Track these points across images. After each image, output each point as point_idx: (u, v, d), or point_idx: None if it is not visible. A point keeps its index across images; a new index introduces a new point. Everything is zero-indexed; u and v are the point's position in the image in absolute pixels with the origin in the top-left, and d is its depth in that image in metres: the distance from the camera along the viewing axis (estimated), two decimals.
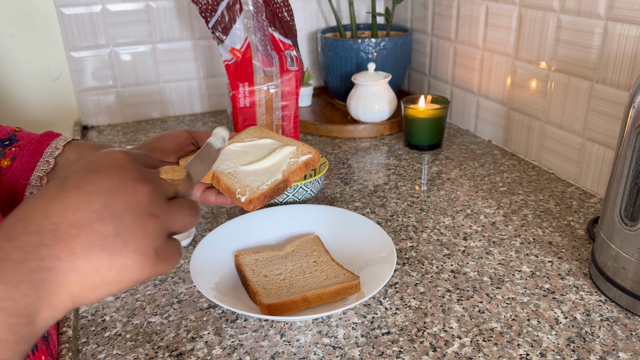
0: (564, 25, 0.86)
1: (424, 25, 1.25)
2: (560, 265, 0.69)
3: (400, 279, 0.67)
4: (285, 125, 0.97)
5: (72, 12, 1.16)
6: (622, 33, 0.76)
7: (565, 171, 0.91)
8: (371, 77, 1.11)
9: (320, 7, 1.35)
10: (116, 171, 0.35)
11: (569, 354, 0.54)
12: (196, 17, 1.24)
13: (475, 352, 0.55)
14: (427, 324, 0.59)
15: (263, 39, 0.93)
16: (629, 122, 0.57)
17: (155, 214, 0.36)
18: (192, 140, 0.59)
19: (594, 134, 0.84)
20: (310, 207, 0.77)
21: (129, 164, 0.36)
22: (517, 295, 0.63)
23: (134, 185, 0.35)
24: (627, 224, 0.58)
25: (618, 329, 0.58)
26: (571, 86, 0.87)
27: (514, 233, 0.76)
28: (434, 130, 1.04)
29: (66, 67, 1.21)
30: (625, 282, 0.59)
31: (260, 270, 0.66)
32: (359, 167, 0.99)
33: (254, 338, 0.58)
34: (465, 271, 0.68)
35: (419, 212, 0.83)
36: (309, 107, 1.29)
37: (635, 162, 0.57)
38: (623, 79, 0.77)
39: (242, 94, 0.92)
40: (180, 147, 0.58)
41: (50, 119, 1.23)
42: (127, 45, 1.22)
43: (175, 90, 1.29)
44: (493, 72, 1.04)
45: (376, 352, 0.56)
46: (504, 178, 0.93)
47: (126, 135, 1.20)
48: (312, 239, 0.71)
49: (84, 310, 0.64)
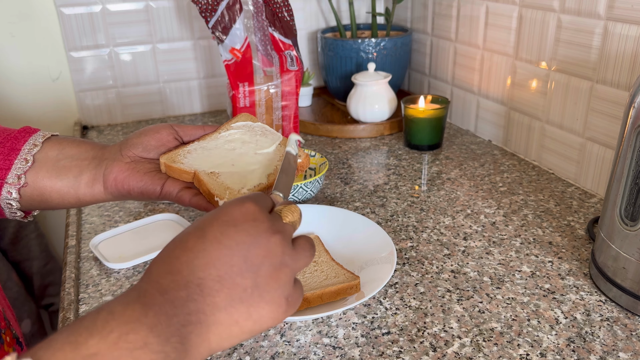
0: (564, 25, 0.86)
1: (424, 25, 1.25)
2: (560, 265, 0.69)
3: (400, 279, 0.67)
4: (285, 125, 0.97)
5: (72, 12, 1.16)
6: (622, 33, 0.76)
7: (565, 171, 0.91)
8: (371, 77, 1.11)
9: (320, 7, 1.35)
10: (251, 224, 0.37)
11: (569, 354, 0.54)
12: (196, 17, 1.24)
13: (476, 352, 0.55)
14: (427, 324, 0.59)
15: (263, 39, 0.93)
16: (629, 122, 0.57)
17: (286, 263, 0.37)
18: (175, 135, 0.56)
19: (594, 134, 0.84)
20: (310, 207, 0.77)
21: (261, 215, 0.38)
22: (517, 295, 0.63)
23: (267, 237, 0.37)
24: (627, 224, 0.58)
25: (618, 329, 0.58)
26: (571, 86, 0.87)
27: (514, 233, 0.76)
28: (434, 130, 1.04)
29: (66, 67, 1.21)
30: (625, 282, 0.59)
31: None
32: (359, 167, 0.99)
33: (254, 338, 0.58)
34: (465, 271, 0.68)
35: (419, 212, 0.83)
36: (309, 107, 1.29)
37: (635, 162, 0.57)
38: (623, 79, 0.77)
39: (242, 94, 0.92)
40: (162, 143, 0.55)
41: (50, 119, 1.23)
42: (127, 45, 1.22)
43: (175, 90, 1.29)
44: (493, 72, 1.04)
45: (376, 352, 0.56)
46: (504, 178, 0.93)
47: (126, 135, 1.20)
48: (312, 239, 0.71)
49: (83, 311, 0.64)
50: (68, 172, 0.54)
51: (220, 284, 0.34)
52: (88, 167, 0.54)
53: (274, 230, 0.37)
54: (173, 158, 0.53)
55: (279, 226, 0.38)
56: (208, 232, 0.36)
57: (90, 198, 0.54)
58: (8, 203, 0.54)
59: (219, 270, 0.35)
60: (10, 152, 0.54)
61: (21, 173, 0.53)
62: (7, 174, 0.53)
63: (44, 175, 0.53)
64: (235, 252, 0.35)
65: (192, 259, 0.35)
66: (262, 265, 0.36)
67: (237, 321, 0.35)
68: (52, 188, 0.54)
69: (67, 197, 0.54)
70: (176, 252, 0.36)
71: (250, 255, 0.36)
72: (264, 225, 0.37)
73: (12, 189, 0.53)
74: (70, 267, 0.71)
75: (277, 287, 0.36)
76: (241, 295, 0.35)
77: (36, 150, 0.54)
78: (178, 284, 0.34)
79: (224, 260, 0.35)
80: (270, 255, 0.36)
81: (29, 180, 0.53)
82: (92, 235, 0.79)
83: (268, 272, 0.36)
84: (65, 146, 0.56)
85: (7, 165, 0.53)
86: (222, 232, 0.36)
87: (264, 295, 0.36)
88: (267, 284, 0.36)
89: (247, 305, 0.35)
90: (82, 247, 0.77)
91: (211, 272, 0.34)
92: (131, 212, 0.85)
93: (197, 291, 0.34)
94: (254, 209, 0.38)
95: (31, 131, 0.56)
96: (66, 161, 0.54)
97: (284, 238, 0.38)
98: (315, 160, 0.90)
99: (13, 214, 0.55)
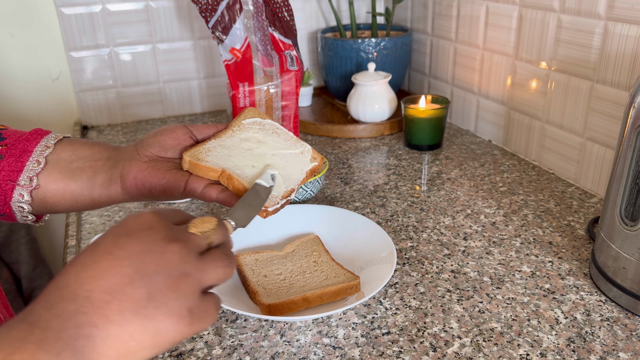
0: (564, 25, 0.86)
1: (424, 25, 1.25)
2: (560, 265, 0.69)
3: (400, 279, 0.67)
4: (285, 125, 0.97)
5: (72, 12, 1.16)
6: (622, 33, 0.76)
7: (565, 171, 0.91)
8: (371, 77, 1.11)
9: (320, 7, 1.35)
10: (145, 233, 0.35)
11: (569, 354, 0.54)
12: (196, 17, 1.24)
13: (476, 352, 0.55)
14: (427, 324, 0.59)
15: (263, 39, 0.93)
16: (629, 122, 0.57)
17: (187, 272, 0.35)
18: (190, 134, 0.56)
19: (594, 134, 0.84)
20: (310, 207, 0.77)
21: (158, 224, 0.36)
22: (517, 295, 0.63)
23: (163, 246, 0.35)
24: (627, 224, 0.58)
25: (618, 329, 0.58)
26: (571, 86, 0.87)
27: (514, 233, 0.76)
28: (434, 130, 1.04)
29: (66, 67, 1.21)
30: (625, 282, 0.59)
31: (260, 270, 0.66)
32: (359, 167, 0.99)
33: (254, 338, 0.58)
34: (465, 271, 0.68)
35: (419, 212, 0.83)
36: (309, 107, 1.29)
37: (635, 162, 0.57)
38: (623, 79, 0.77)
39: (242, 93, 0.92)
40: (178, 142, 0.55)
41: (50, 119, 1.23)
42: (127, 45, 1.22)
43: (175, 90, 1.29)
44: (493, 72, 1.04)
45: (376, 352, 0.56)
46: (504, 178, 0.93)
47: (126, 135, 1.20)
48: (312, 239, 0.71)
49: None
50: (82, 173, 0.53)
51: (110, 296, 0.33)
52: (103, 168, 0.53)
53: (171, 239, 0.35)
54: (197, 156, 0.52)
55: (180, 235, 0.36)
56: (100, 245, 0.35)
57: (107, 199, 0.53)
58: (20, 206, 0.53)
59: (108, 281, 0.33)
60: (22, 154, 0.53)
61: (33, 175, 0.52)
62: (19, 176, 0.52)
63: (56, 177, 0.52)
64: (126, 262, 0.34)
65: (80, 272, 0.33)
66: (156, 274, 0.34)
67: (132, 335, 0.33)
68: (65, 190, 0.52)
69: (80, 198, 0.53)
70: (67, 267, 0.34)
71: (143, 265, 0.34)
72: (159, 233, 0.35)
73: (24, 191, 0.52)
74: None
75: (176, 297, 0.34)
76: (134, 307, 0.33)
77: (48, 152, 0.53)
78: (65, 298, 0.33)
79: (115, 271, 0.33)
80: (166, 265, 0.34)
81: (41, 182, 0.52)
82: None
83: (163, 282, 0.34)
84: (78, 147, 0.55)
85: (19, 167, 0.52)
86: (114, 243, 0.35)
87: (160, 307, 0.34)
88: (164, 294, 0.34)
89: (141, 318, 0.33)
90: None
91: (100, 284, 0.33)
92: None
93: (86, 304, 0.32)
94: (151, 218, 0.36)
95: (43, 133, 0.55)
96: (79, 162, 0.53)
97: (184, 246, 0.36)
98: None
99: (24, 217, 0.54)
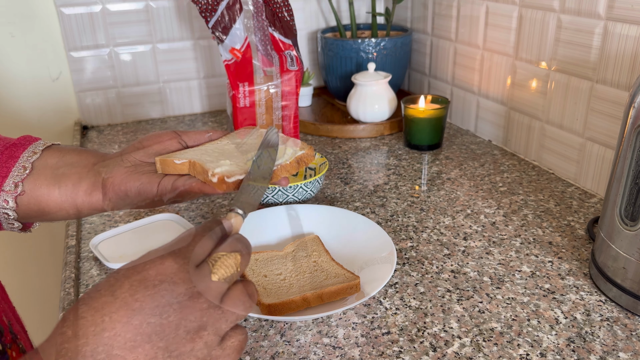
0: (564, 25, 0.86)
1: (424, 25, 1.25)
2: (560, 265, 0.69)
3: (400, 279, 0.67)
4: (285, 125, 0.97)
5: (72, 12, 1.16)
6: (622, 33, 0.76)
7: (565, 171, 0.91)
8: (371, 77, 1.11)
9: (320, 7, 1.35)
10: (165, 287, 0.34)
11: (569, 354, 0.54)
12: (196, 17, 1.24)
13: (476, 352, 0.55)
14: (427, 324, 0.59)
15: (263, 39, 0.93)
16: (629, 122, 0.57)
17: (206, 325, 0.35)
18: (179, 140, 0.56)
19: (594, 134, 0.84)
20: (310, 207, 0.77)
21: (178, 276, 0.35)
22: (517, 295, 0.63)
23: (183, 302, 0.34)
24: (627, 224, 0.58)
25: (618, 329, 0.58)
26: (571, 86, 0.87)
27: (514, 233, 0.76)
28: (434, 130, 1.04)
29: (66, 67, 1.21)
30: (625, 282, 0.59)
31: (260, 270, 0.66)
32: (359, 167, 0.99)
33: (254, 338, 0.58)
34: (465, 271, 0.68)
35: (419, 212, 0.83)
36: (309, 107, 1.29)
37: (635, 162, 0.57)
38: (623, 79, 0.77)
39: (242, 93, 0.92)
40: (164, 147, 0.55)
41: (49, 119, 1.23)
42: (127, 45, 1.22)
43: (175, 90, 1.29)
44: (493, 72, 1.04)
45: (376, 352, 0.56)
46: (504, 178, 0.93)
47: (126, 135, 1.20)
48: (312, 239, 0.71)
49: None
50: (67, 180, 0.52)
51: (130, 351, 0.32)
52: (88, 175, 0.53)
53: (191, 294, 0.35)
54: (168, 156, 0.53)
55: (201, 285, 0.35)
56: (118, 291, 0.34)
57: (88, 207, 0.53)
58: (5, 212, 0.52)
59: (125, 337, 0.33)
60: (9, 160, 0.52)
61: (19, 181, 0.51)
62: (4, 181, 0.51)
63: (42, 183, 0.52)
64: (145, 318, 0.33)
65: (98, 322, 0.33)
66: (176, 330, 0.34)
67: None
68: (50, 196, 0.52)
69: (64, 205, 0.52)
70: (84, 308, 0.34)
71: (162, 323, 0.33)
72: (180, 288, 0.34)
73: (9, 197, 0.51)
74: (70, 267, 0.71)
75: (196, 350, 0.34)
76: None
77: (35, 158, 0.53)
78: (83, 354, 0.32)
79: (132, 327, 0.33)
80: (186, 322, 0.34)
81: (26, 188, 0.51)
82: (92, 235, 0.79)
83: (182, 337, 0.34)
84: (65, 154, 0.54)
85: (5, 173, 0.51)
86: (133, 295, 0.34)
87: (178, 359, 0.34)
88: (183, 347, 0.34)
89: None
90: (82, 247, 0.77)
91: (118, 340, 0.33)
92: (131, 212, 0.85)
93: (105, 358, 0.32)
94: (172, 268, 0.35)
95: (31, 140, 0.55)
96: (65, 169, 0.53)
97: (205, 301, 0.35)
98: (315, 160, 0.90)
99: (10, 224, 0.54)
